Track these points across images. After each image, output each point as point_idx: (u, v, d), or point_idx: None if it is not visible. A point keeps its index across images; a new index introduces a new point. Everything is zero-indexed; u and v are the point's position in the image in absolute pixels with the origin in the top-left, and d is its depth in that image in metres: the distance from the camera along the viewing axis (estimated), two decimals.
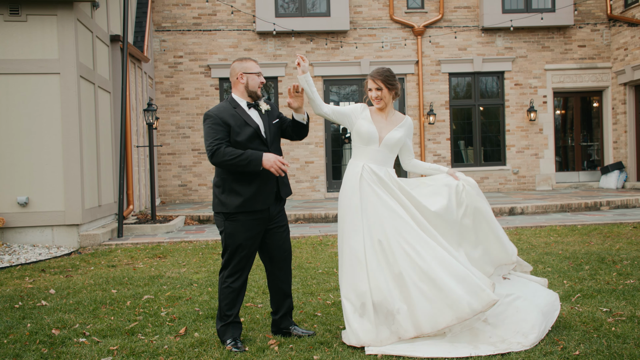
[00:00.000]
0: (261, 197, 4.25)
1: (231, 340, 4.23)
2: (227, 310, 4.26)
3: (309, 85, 4.39)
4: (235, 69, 4.33)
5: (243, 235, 4.23)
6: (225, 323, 4.28)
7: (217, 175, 4.30)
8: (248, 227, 4.24)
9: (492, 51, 15.96)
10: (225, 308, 4.26)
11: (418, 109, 15.76)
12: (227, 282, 4.27)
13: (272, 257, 4.44)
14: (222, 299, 4.28)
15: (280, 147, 4.47)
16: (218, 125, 4.17)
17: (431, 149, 15.85)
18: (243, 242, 4.23)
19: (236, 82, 4.34)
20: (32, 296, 6.03)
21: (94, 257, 8.36)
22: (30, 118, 9.11)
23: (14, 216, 9.07)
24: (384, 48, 15.70)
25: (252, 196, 4.21)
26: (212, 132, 4.16)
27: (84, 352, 4.26)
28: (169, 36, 15.26)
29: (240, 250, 4.24)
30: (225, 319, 4.28)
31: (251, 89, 4.34)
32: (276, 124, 4.44)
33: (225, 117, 4.20)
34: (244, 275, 4.31)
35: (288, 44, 15.48)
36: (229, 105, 4.30)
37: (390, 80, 4.42)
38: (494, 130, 16.32)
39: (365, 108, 4.51)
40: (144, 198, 13.24)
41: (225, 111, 4.23)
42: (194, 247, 9.01)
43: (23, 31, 9.04)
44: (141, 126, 13.17)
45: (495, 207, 11.86)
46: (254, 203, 4.22)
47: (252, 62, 4.34)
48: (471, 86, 16.16)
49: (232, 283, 4.26)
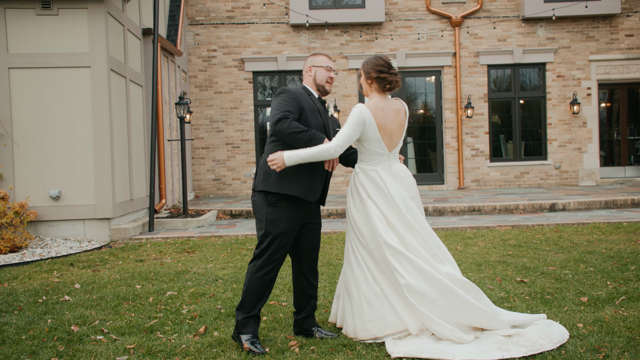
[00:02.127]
0: (313, 188, 4.12)
1: (251, 336, 4.02)
2: (252, 301, 4.04)
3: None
4: (307, 61, 4.32)
5: (286, 224, 4.04)
6: (248, 315, 4.05)
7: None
8: (291, 215, 4.06)
9: (533, 42, 15.42)
10: (253, 299, 4.04)
11: (455, 102, 15.35)
12: (260, 272, 4.04)
13: (301, 253, 4.27)
14: (251, 289, 4.04)
15: None
16: (293, 100, 4.08)
17: (469, 143, 15.43)
18: (285, 230, 4.03)
19: (306, 74, 4.32)
20: (57, 290, 5.97)
21: (123, 251, 8.32)
22: (61, 112, 9.11)
23: (46, 209, 9.10)
24: (420, 40, 15.34)
25: (308, 185, 4.08)
26: (285, 104, 4.05)
27: (100, 350, 4.13)
28: (203, 30, 15.20)
29: (281, 239, 4.03)
30: (248, 311, 4.05)
31: (319, 82, 4.28)
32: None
33: (301, 99, 4.13)
34: (278, 267, 4.10)
35: (322, 36, 15.25)
36: (304, 91, 4.23)
37: (364, 67, 4.27)
38: (534, 123, 15.79)
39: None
40: (177, 192, 13.22)
41: (301, 94, 4.17)
42: (224, 242, 8.89)
43: (54, 25, 9.04)
44: (174, 120, 13.14)
45: (535, 202, 11.44)
46: (306, 192, 4.08)
47: (323, 57, 4.31)
48: (511, 78, 15.65)
49: (265, 274, 4.04)
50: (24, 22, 8.98)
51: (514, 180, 15.48)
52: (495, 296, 5.23)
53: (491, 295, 5.28)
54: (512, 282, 5.77)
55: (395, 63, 4.18)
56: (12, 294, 5.86)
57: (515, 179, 15.48)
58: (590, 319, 4.45)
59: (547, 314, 4.62)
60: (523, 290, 5.40)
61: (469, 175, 15.43)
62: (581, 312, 4.67)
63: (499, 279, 5.89)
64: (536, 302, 5.01)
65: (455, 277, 3.99)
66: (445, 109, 15.41)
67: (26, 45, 9.00)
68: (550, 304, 4.92)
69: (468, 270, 6.34)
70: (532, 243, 7.92)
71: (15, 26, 8.97)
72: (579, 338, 4.05)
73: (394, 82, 4.17)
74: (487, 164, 15.45)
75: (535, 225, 9.51)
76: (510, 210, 11.39)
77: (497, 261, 6.80)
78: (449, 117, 15.39)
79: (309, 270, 4.27)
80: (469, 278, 5.93)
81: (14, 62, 8.98)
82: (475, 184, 15.44)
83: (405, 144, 15.49)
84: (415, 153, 15.68)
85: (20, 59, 8.98)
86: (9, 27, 8.95)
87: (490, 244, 7.97)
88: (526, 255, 7.12)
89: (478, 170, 15.45)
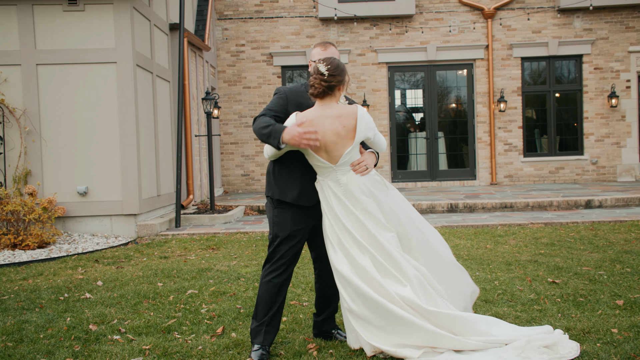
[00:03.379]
0: (307, 194, 3.91)
1: (259, 347, 3.84)
2: (263, 308, 3.88)
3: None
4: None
5: (291, 226, 3.89)
6: (260, 323, 3.88)
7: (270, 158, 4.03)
8: (296, 218, 3.91)
9: (569, 33, 14.96)
10: (263, 305, 3.88)
11: (488, 95, 14.99)
12: (269, 276, 3.89)
13: (318, 256, 4.12)
14: (261, 294, 3.90)
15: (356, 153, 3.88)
16: (280, 99, 3.93)
17: (502, 137, 15.06)
18: (291, 233, 3.88)
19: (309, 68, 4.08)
20: (79, 288, 5.95)
21: (148, 247, 8.29)
22: (88, 108, 9.13)
23: (74, 205, 9.14)
24: (451, 32, 15.01)
25: (300, 191, 3.90)
26: (270, 104, 3.92)
27: (116, 350, 4.06)
28: (231, 24, 15.14)
29: (288, 241, 3.89)
30: (260, 319, 3.89)
31: None
32: None
33: (295, 97, 3.93)
34: (287, 271, 3.93)
35: (351, 30, 15.05)
36: (302, 87, 4.02)
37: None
38: (570, 117, 15.34)
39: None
40: (205, 188, 13.21)
41: (297, 92, 3.97)
42: (249, 238, 8.80)
43: (81, 21, 9.05)
44: (202, 115, 13.12)
45: (570, 199, 11.08)
46: (300, 198, 3.90)
47: (317, 48, 4.04)
48: (546, 71, 15.21)
49: (274, 278, 3.88)
50: (51, 19, 9.01)
51: (548, 175, 15.07)
52: (524, 298, 5.02)
53: (520, 296, 5.06)
54: (543, 283, 5.54)
55: (324, 68, 3.72)
56: (35, 291, 5.86)
57: (549, 174, 15.07)
58: (625, 324, 4.21)
59: (579, 318, 4.39)
60: (555, 292, 5.16)
61: (501, 171, 15.07)
62: (616, 316, 4.43)
63: (529, 279, 5.66)
64: (568, 304, 4.78)
65: (406, 299, 3.61)
66: (477, 102, 15.07)
67: (53, 42, 9.04)
68: (583, 307, 4.68)
69: (497, 270, 6.12)
70: (566, 241, 7.64)
71: (43, 23, 9.01)
72: (612, 345, 3.82)
73: (313, 85, 3.74)
74: (521, 159, 15.07)
75: (569, 223, 9.20)
76: (544, 207, 11.06)
77: (528, 260, 6.55)
78: (481, 111, 15.05)
79: (327, 273, 4.12)
80: (497, 278, 5.72)
81: (41, 58, 9.02)
82: (508, 180, 15.08)
83: (435, 138, 15.21)
84: (447, 148, 15.38)
85: (47, 55, 9.03)
86: (36, 23, 9.00)
87: (522, 242, 7.71)
88: (559, 254, 6.85)
89: (511, 166, 15.08)
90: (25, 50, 8.99)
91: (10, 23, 8.97)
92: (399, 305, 3.59)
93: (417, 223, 3.92)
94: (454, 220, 9.96)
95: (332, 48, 4.04)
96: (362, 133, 3.78)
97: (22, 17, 8.95)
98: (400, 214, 3.86)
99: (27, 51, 8.99)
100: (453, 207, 11.15)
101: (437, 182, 15.15)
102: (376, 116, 15.03)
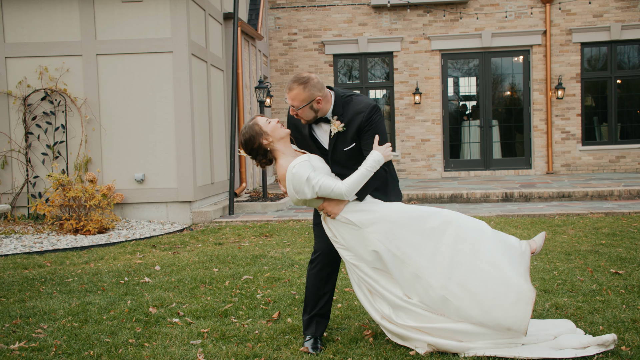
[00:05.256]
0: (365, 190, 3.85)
1: (310, 337, 3.81)
2: (312, 299, 3.86)
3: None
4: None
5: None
6: (310, 315, 3.86)
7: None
8: None
9: (634, 17, 14.38)
10: (311, 296, 3.85)
11: (545, 82, 14.59)
12: (315, 269, 3.85)
13: None
14: (309, 286, 3.87)
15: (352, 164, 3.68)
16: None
17: (559, 125, 14.65)
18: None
19: None
20: (138, 272, 6.11)
21: (203, 234, 8.44)
22: (144, 96, 9.33)
23: (131, 192, 9.37)
24: (507, 18, 14.66)
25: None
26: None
27: (175, 333, 4.15)
28: (284, 13, 15.17)
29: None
30: (309, 310, 3.87)
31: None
32: (349, 151, 3.69)
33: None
34: (332, 263, 3.89)
35: (404, 17, 14.87)
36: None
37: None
38: (633, 104, 14.78)
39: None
40: (257, 176, 13.34)
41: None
42: (302, 226, 8.85)
43: (138, 11, 9.23)
44: (255, 104, 13.23)
45: (633, 188, 10.70)
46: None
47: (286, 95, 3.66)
48: (607, 57, 14.69)
49: (320, 270, 3.84)
50: (110, 10, 9.23)
51: (608, 165, 14.59)
52: (586, 288, 4.87)
53: (581, 287, 4.92)
54: (605, 273, 5.37)
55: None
56: (97, 274, 6.04)
57: (609, 163, 14.58)
58: None
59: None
60: (618, 283, 5.00)
61: (558, 160, 14.67)
62: None
63: (590, 269, 5.50)
64: (633, 296, 4.62)
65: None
66: (533, 90, 14.69)
67: (112, 32, 9.26)
68: None
69: (556, 260, 5.97)
70: (629, 232, 7.38)
71: (103, 14, 9.23)
72: None
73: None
74: (579, 148, 14.64)
75: (632, 213, 8.88)
76: (604, 196, 10.71)
77: (589, 251, 6.36)
78: (538, 98, 14.66)
79: None
80: (557, 268, 5.58)
81: (101, 48, 9.26)
82: (565, 169, 14.67)
83: (489, 127, 14.93)
84: (501, 136, 15.07)
85: (107, 46, 9.26)
86: (97, 14, 9.23)
87: (581, 232, 7.49)
88: (621, 245, 6.63)
89: (568, 154, 14.67)
90: (86, 40, 9.24)
91: (72, 14, 9.23)
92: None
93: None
94: (509, 209, 9.76)
95: (296, 89, 3.57)
96: (292, 196, 3.64)
97: (83, 8, 9.19)
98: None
99: (87, 42, 9.24)
100: (508, 196, 10.93)
101: (490, 171, 14.87)
102: (429, 104, 14.85)
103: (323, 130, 3.77)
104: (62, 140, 9.34)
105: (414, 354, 3.59)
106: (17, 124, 9.33)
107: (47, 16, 9.25)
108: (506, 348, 3.50)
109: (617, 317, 4.10)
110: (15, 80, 9.29)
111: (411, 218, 3.58)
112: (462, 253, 3.51)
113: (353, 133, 3.65)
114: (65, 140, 9.32)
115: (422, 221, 3.57)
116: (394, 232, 3.57)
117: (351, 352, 3.68)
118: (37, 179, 9.36)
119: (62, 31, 9.26)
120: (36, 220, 9.17)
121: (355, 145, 3.68)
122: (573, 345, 3.50)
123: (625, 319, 4.05)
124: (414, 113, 14.82)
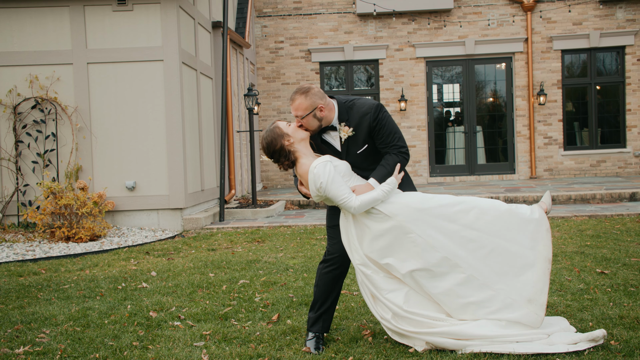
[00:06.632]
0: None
1: (314, 335, 3.93)
2: (321, 298, 3.98)
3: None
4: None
5: (336, 218, 4.00)
6: (319, 313, 3.99)
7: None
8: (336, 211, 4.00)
9: (612, 24, 14.74)
10: (320, 295, 3.98)
11: (527, 89, 14.88)
12: (328, 268, 3.98)
13: None
14: (319, 284, 3.99)
15: (368, 160, 3.90)
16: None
17: (541, 131, 14.94)
18: (339, 223, 3.99)
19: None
20: (134, 278, 6.18)
21: (195, 240, 8.52)
22: (135, 104, 9.40)
23: (122, 200, 9.42)
24: (490, 26, 14.94)
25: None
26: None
27: (178, 335, 4.25)
28: (270, 21, 15.32)
29: (336, 231, 3.97)
30: (317, 308, 4.00)
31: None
32: (362, 153, 3.87)
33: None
34: (346, 263, 4.02)
35: (389, 25, 15.09)
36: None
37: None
38: (612, 110, 15.12)
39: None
40: (246, 183, 13.43)
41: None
42: (293, 231, 8.96)
43: (129, 20, 9.32)
44: (243, 112, 13.33)
45: (614, 192, 10.96)
46: None
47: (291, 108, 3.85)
48: (586, 63, 15.03)
49: (332, 270, 3.97)
50: (101, 19, 9.30)
51: (589, 169, 14.90)
52: (574, 287, 5.05)
53: (570, 286, 5.09)
54: (591, 273, 5.55)
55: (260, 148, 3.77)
56: (93, 281, 6.10)
57: (590, 167, 14.90)
58: None
59: (632, 306, 4.41)
60: (604, 282, 5.18)
61: (541, 164, 14.95)
62: None
63: (577, 270, 5.68)
64: (619, 294, 4.80)
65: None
66: (516, 96, 14.97)
67: (103, 41, 9.33)
68: (635, 296, 4.70)
69: None
70: (612, 234, 7.60)
71: (94, 23, 9.30)
72: None
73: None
74: (561, 153, 14.93)
75: (614, 215, 9.12)
76: (587, 199, 10.97)
77: (575, 252, 6.55)
78: (520, 104, 14.94)
79: None
80: None
81: (92, 57, 9.32)
82: (548, 173, 14.95)
83: (473, 132, 15.17)
84: (485, 142, 15.32)
85: (98, 54, 9.32)
86: (87, 23, 9.29)
87: (567, 234, 7.69)
88: (606, 246, 6.83)
89: (551, 159, 14.95)
90: (77, 49, 9.30)
91: (63, 23, 9.29)
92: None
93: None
94: None
95: (298, 99, 3.75)
96: (314, 194, 3.78)
97: (74, 17, 9.26)
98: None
99: (78, 50, 9.30)
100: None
101: (475, 176, 15.11)
102: (414, 111, 15.06)
103: (333, 138, 3.94)
104: (52, 148, 9.38)
105: (412, 351, 3.73)
106: (7, 133, 9.34)
107: (38, 25, 9.29)
108: (502, 344, 3.64)
109: (605, 314, 4.27)
110: (5, 89, 9.32)
111: (434, 204, 3.77)
112: (485, 233, 3.73)
113: (364, 135, 3.81)
114: (56, 149, 9.36)
115: (446, 207, 3.76)
116: (421, 219, 3.74)
117: (352, 351, 3.81)
118: (27, 188, 9.38)
119: (53, 40, 9.31)
120: (26, 228, 9.18)
121: (368, 146, 3.84)
122: (564, 341, 3.66)
123: (613, 316, 4.22)
124: (399, 120, 15.02)
